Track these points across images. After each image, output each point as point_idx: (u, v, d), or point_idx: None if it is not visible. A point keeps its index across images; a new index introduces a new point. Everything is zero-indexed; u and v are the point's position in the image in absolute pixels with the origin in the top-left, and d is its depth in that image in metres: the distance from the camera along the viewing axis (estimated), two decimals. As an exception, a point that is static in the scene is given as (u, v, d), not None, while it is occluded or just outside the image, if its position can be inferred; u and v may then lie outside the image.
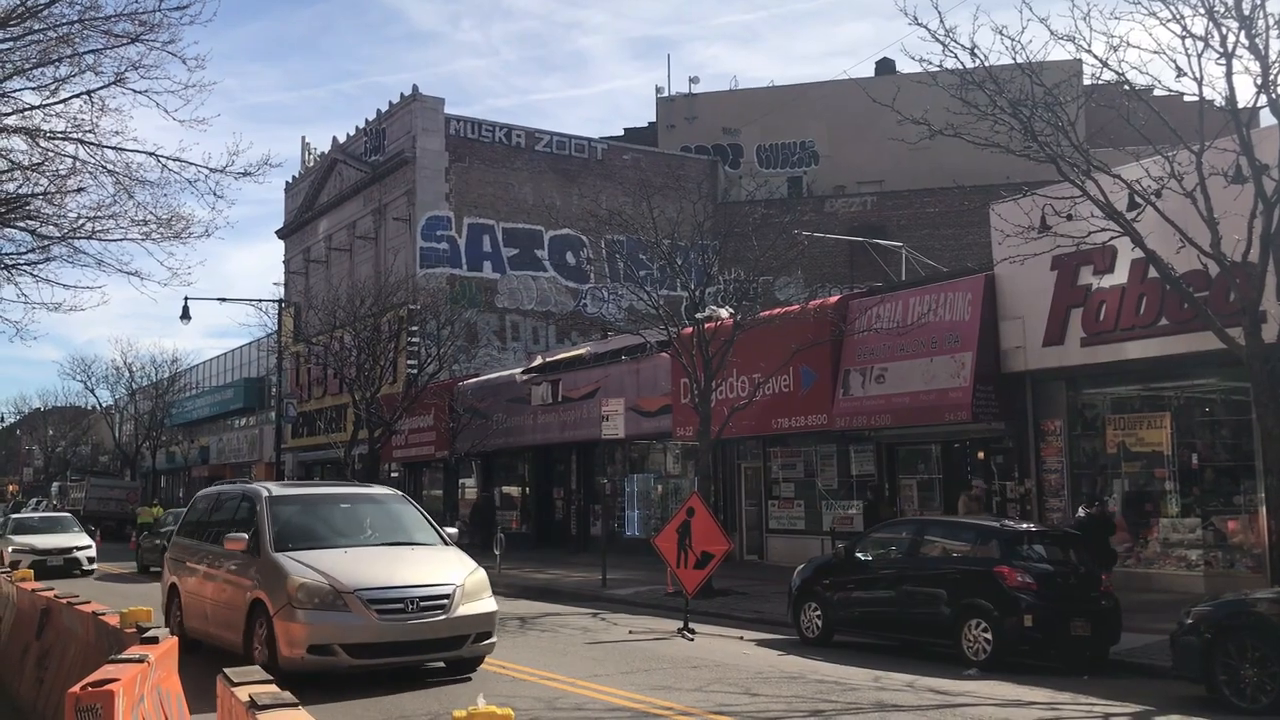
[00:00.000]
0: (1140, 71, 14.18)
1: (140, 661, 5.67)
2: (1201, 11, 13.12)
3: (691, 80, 53.17)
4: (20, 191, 17.78)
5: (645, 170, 41.20)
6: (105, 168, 16.85)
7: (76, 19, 15.44)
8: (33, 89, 16.38)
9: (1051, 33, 14.16)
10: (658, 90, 52.98)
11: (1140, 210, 14.38)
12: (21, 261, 18.62)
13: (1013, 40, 14.33)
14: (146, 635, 6.72)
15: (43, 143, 16.62)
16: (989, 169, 23.47)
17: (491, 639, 11.41)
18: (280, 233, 55.56)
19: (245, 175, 16.89)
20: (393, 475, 42.67)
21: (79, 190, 17.58)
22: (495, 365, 40.46)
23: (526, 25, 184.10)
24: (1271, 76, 12.85)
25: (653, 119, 52.88)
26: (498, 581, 23.34)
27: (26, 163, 17.15)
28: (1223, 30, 13.06)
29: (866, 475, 23.44)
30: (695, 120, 50.29)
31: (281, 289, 51.18)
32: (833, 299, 23.73)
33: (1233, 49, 13.05)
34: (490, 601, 11.48)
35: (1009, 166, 17.44)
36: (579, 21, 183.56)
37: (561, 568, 25.97)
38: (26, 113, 16.63)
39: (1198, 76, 13.31)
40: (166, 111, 16.07)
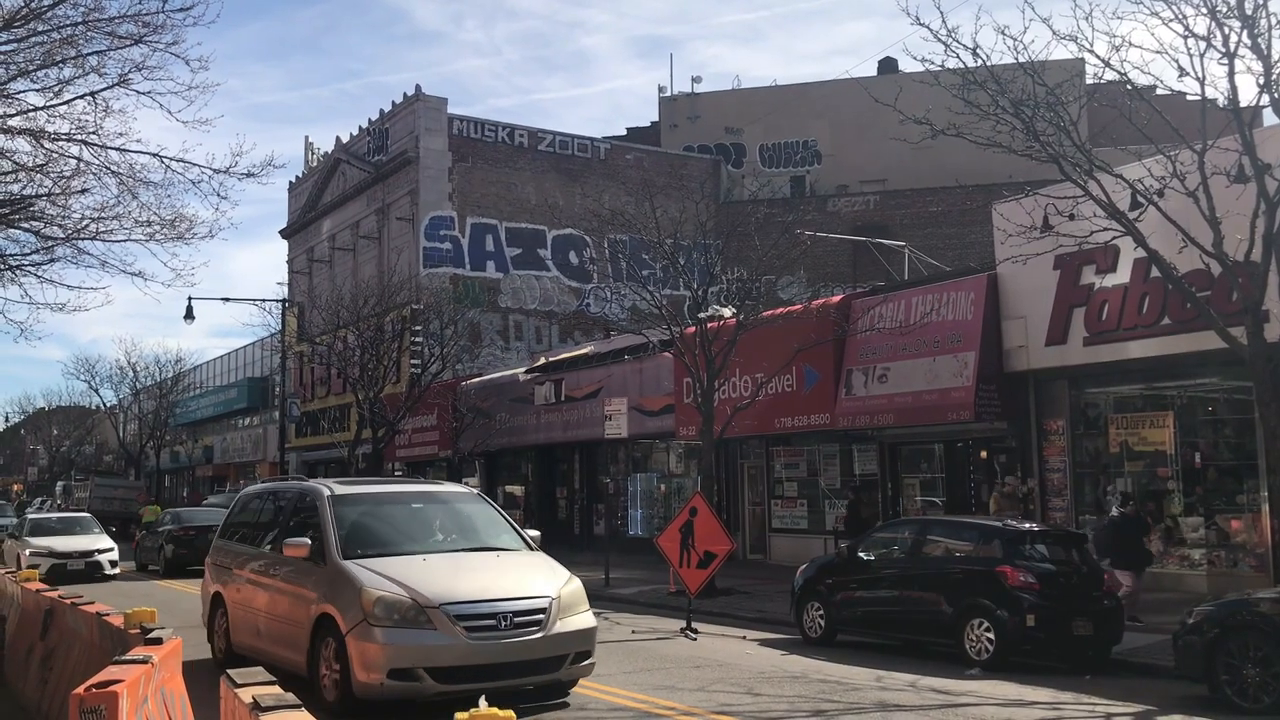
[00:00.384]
0: (1142, 71, 14.20)
1: (144, 663, 5.69)
2: (1204, 11, 13.11)
3: (694, 80, 53.25)
4: (24, 192, 17.80)
5: (648, 170, 41.19)
6: (109, 169, 16.86)
7: (80, 20, 15.44)
8: (37, 90, 16.39)
9: (1054, 32, 14.16)
10: (660, 90, 53.06)
11: (1142, 210, 14.38)
12: (26, 262, 18.64)
13: (1015, 40, 14.33)
14: (150, 636, 6.74)
15: (47, 144, 16.63)
16: (991, 168, 23.48)
17: (591, 659, 10.15)
18: (284, 232, 55.61)
19: (249, 176, 16.87)
20: (397, 474, 42.76)
21: (83, 191, 17.59)
22: (498, 365, 40.49)
23: (529, 25, 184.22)
24: (1274, 76, 12.83)
25: (655, 118, 52.87)
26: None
27: (30, 164, 17.16)
28: (1225, 30, 13.05)
29: (870, 474, 23.45)
30: (698, 120, 50.29)
31: (285, 289, 51.21)
32: (835, 298, 23.74)
33: (1235, 49, 13.04)
34: (589, 616, 10.21)
35: (1011, 166, 17.43)
36: (581, 21, 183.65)
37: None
38: (30, 114, 16.63)
39: (1200, 76, 13.30)
40: (170, 112, 16.08)
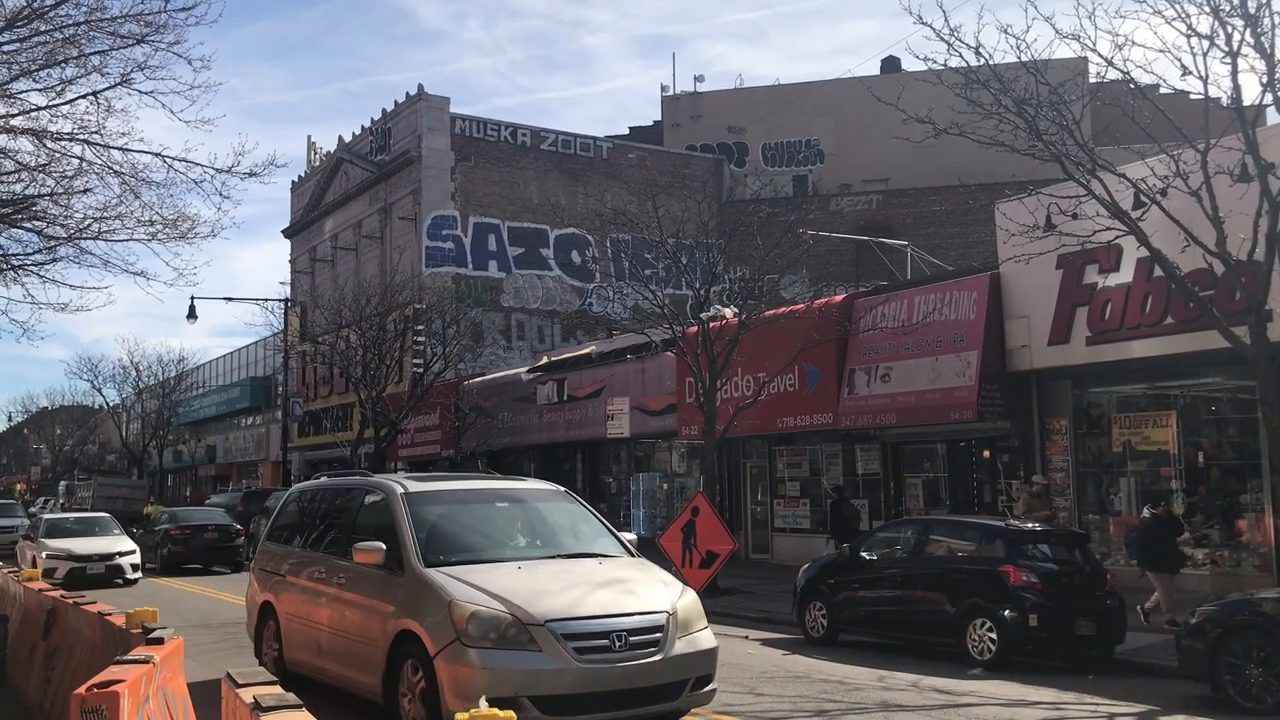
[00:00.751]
0: (1145, 70, 14.14)
1: (146, 662, 5.69)
2: (1207, 10, 13.10)
3: (697, 79, 53.37)
4: (27, 192, 17.82)
5: (650, 169, 41.21)
6: (111, 168, 16.88)
7: (83, 20, 15.46)
8: (39, 90, 16.41)
9: (1056, 31, 14.15)
10: (663, 89, 53.06)
11: (1145, 209, 14.36)
12: (28, 262, 18.65)
13: (1017, 39, 14.32)
14: (152, 636, 6.74)
15: (49, 144, 16.65)
16: (994, 167, 23.47)
17: (712, 685, 8.69)
18: (286, 232, 55.67)
19: (251, 176, 16.89)
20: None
21: (85, 191, 17.61)
22: (500, 364, 40.51)
23: (532, 24, 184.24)
24: (1277, 75, 12.82)
25: (658, 117, 52.89)
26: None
27: (33, 164, 17.18)
28: (1228, 29, 13.04)
29: (872, 474, 23.44)
30: (700, 119, 50.29)
31: (288, 288, 51.29)
32: (838, 298, 23.73)
33: (1238, 48, 13.03)
34: (708, 634, 8.73)
35: (1014, 165, 17.44)
36: (584, 20, 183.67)
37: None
38: (33, 114, 16.65)
39: (1203, 75, 13.29)
40: (172, 112, 16.10)
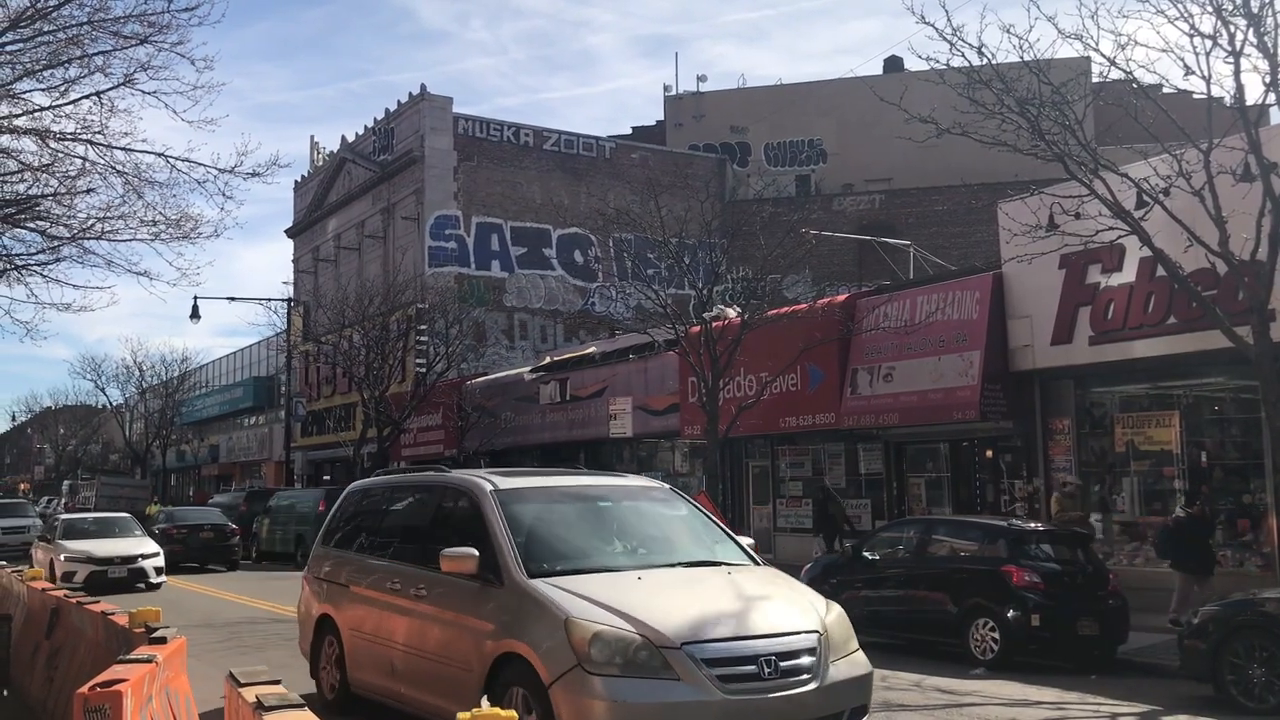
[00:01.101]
0: (1148, 70, 14.16)
1: (148, 662, 5.71)
2: (1210, 10, 13.08)
3: (699, 79, 53.24)
4: (30, 192, 17.87)
5: (653, 169, 41.23)
6: (114, 168, 16.93)
7: (86, 20, 15.50)
8: (42, 90, 16.46)
9: (1059, 31, 14.13)
10: (665, 89, 53.15)
11: (1148, 209, 14.35)
12: (32, 262, 18.70)
13: (1020, 38, 14.31)
14: (155, 635, 6.77)
15: (52, 144, 16.69)
16: (997, 167, 23.46)
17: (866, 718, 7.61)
18: (289, 232, 55.72)
19: (254, 176, 16.95)
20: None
21: (88, 191, 17.66)
22: (503, 364, 40.53)
23: (535, 24, 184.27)
24: (1280, 74, 12.82)
25: (660, 117, 52.91)
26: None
27: (36, 164, 17.23)
28: (1231, 28, 13.02)
29: (875, 473, 23.44)
30: (703, 119, 50.30)
31: (290, 288, 51.41)
32: (840, 298, 23.73)
33: (1241, 47, 13.02)
34: (862, 656, 7.52)
35: (1017, 165, 17.41)
36: (587, 20, 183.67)
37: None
38: (36, 114, 16.71)
39: (1206, 75, 13.28)
40: (175, 112, 16.15)
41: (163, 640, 6.57)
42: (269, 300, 44.73)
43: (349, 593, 9.45)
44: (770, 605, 7.37)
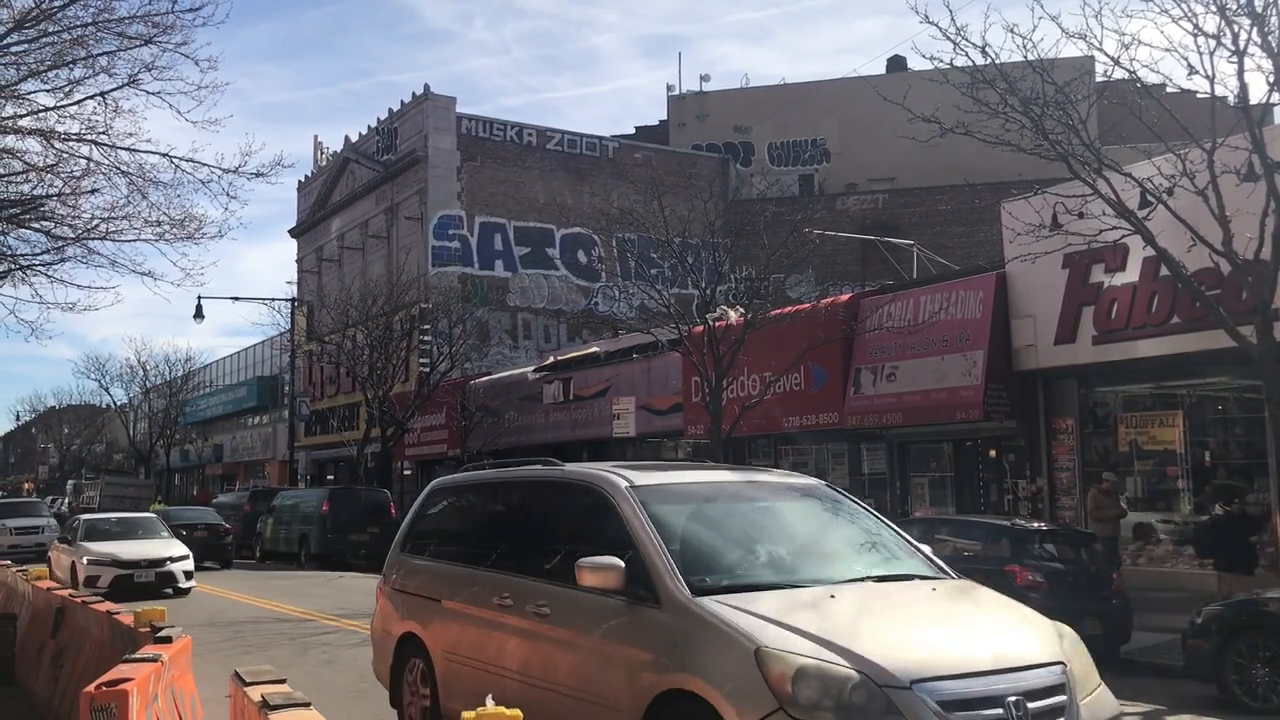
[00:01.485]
0: (1152, 69, 14.09)
1: (154, 661, 5.73)
2: (1213, 9, 13.08)
3: (702, 78, 53.24)
4: (35, 193, 17.94)
5: (656, 168, 41.25)
6: (119, 169, 17.01)
7: (90, 21, 15.58)
8: (47, 91, 16.54)
9: (1063, 30, 14.14)
10: (669, 88, 53.05)
11: (1152, 208, 14.36)
12: (36, 262, 18.80)
13: (1024, 38, 14.34)
14: (160, 635, 6.79)
15: (57, 144, 16.77)
16: (1000, 167, 23.41)
17: None
18: (293, 231, 55.78)
19: (258, 176, 17.06)
20: (405, 473, 42.87)
21: (93, 191, 17.75)
22: (507, 364, 40.56)
23: (538, 24, 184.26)
24: (1284, 74, 12.81)
25: (664, 117, 52.90)
26: (509, 580, 23.40)
27: (41, 164, 17.31)
28: (1235, 28, 13.03)
29: (878, 473, 23.44)
30: (706, 118, 50.28)
31: (294, 288, 51.43)
32: (844, 297, 23.73)
33: (1245, 46, 13.02)
34: (1108, 693, 6.12)
35: (1020, 164, 17.40)
36: (590, 20, 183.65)
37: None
38: (41, 114, 16.79)
39: (1210, 74, 13.28)
40: (179, 112, 16.23)
41: (168, 640, 6.59)
42: (273, 300, 44.89)
43: (440, 608, 8.01)
44: (1001, 630, 6.01)
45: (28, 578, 12.55)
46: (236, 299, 43.62)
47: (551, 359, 35.30)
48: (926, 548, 7.33)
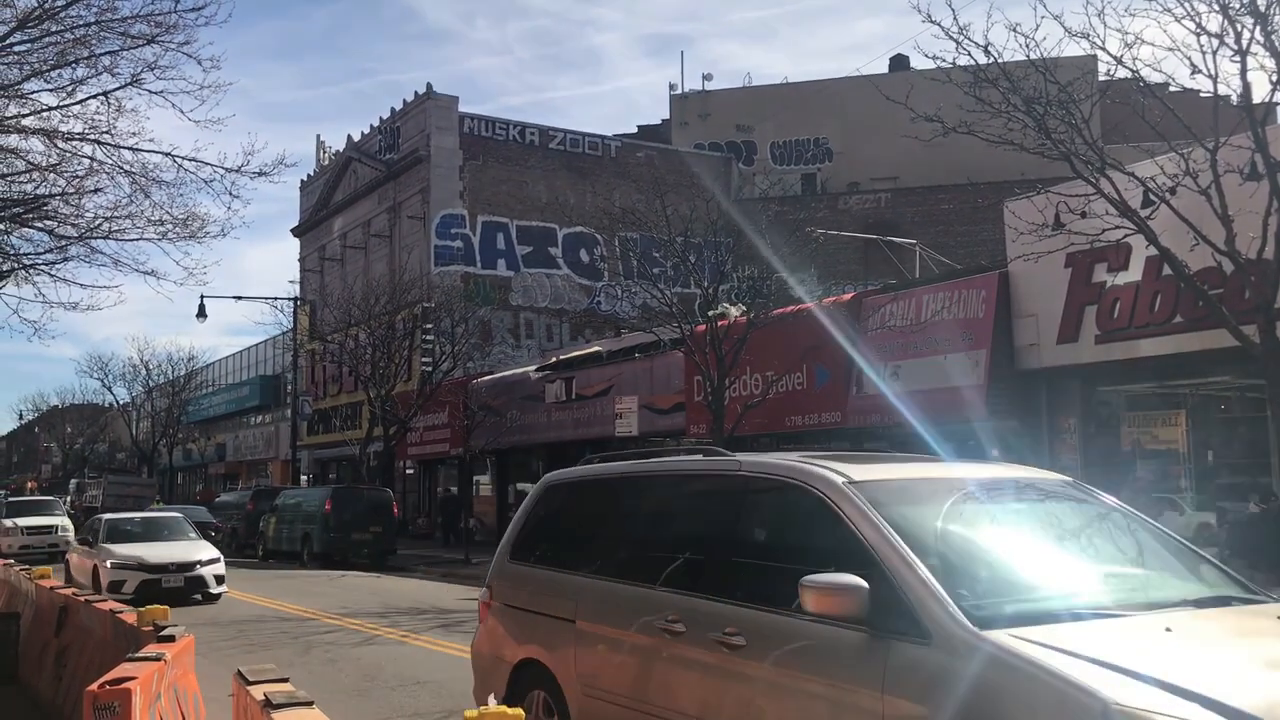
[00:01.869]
0: (1154, 69, 14.12)
1: (157, 660, 5.74)
2: (1216, 8, 13.09)
3: (705, 77, 53.27)
4: (38, 192, 17.97)
5: (659, 167, 41.21)
6: (122, 168, 17.05)
7: (93, 21, 15.61)
8: (50, 90, 16.57)
9: (1066, 29, 14.15)
10: (671, 87, 53.08)
11: (1154, 208, 14.35)
12: (40, 261, 18.84)
13: (1026, 37, 14.35)
14: (163, 634, 6.80)
15: (60, 143, 16.80)
16: (1003, 166, 23.41)
17: None
18: (296, 230, 55.81)
19: (260, 175, 17.09)
20: (408, 472, 42.93)
21: (96, 190, 17.78)
22: (509, 363, 40.57)
23: (540, 23, 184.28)
24: (1287, 73, 12.81)
25: (666, 116, 52.93)
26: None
27: (44, 163, 17.35)
28: (1238, 27, 13.03)
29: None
30: (709, 117, 50.29)
31: (297, 287, 51.47)
32: (846, 296, 23.72)
33: (1247, 46, 13.02)
34: None
35: (1023, 163, 17.41)
36: (593, 19, 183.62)
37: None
38: (44, 114, 16.82)
39: (1212, 73, 13.30)
40: (182, 112, 16.27)
41: (171, 638, 6.60)
42: (275, 299, 44.90)
43: (574, 630, 6.55)
44: None
45: (31, 576, 12.56)
46: (239, 298, 43.61)
47: (554, 358, 35.30)
48: (1214, 559, 5.83)
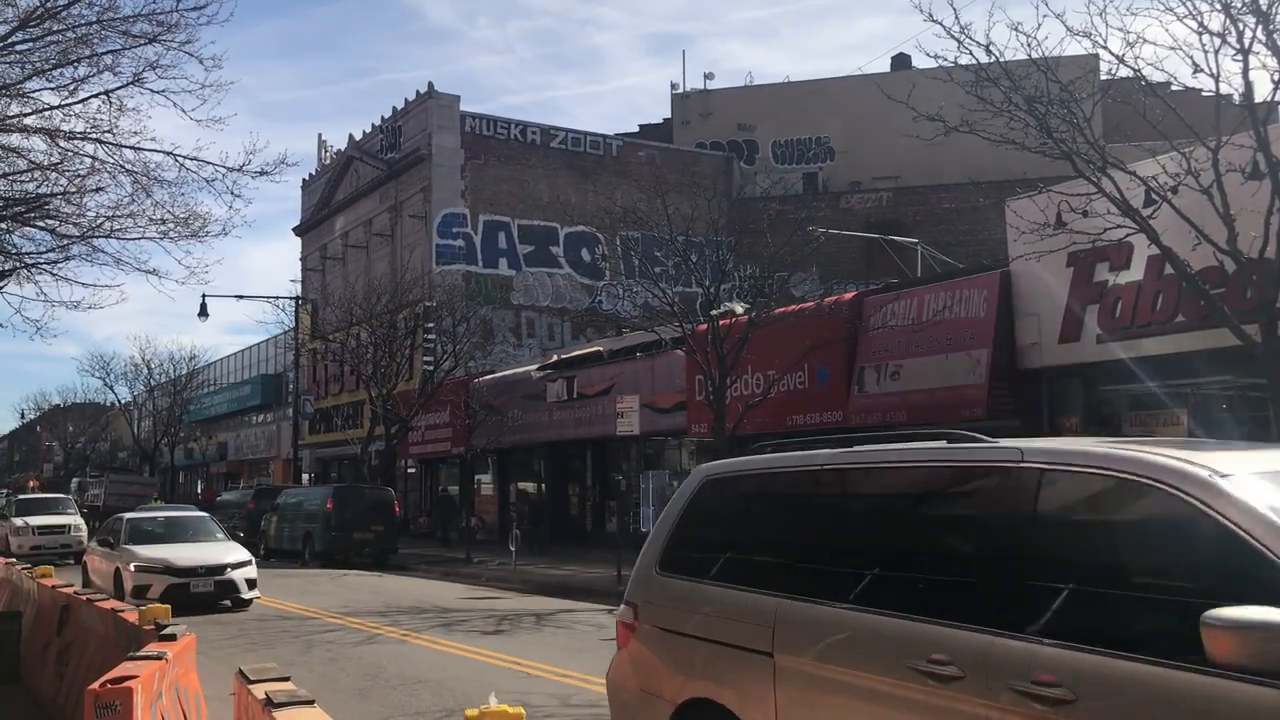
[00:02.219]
0: (1156, 68, 14.13)
1: (159, 659, 5.75)
2: (1218, 7, 13.07)
3: (707, 76, 53.26)
4: (40, 191, 17.97)
5: (660, 167, 41.17)
6: (123, 167, 17.04)
7: (95, 20, 15.60)
8: (52, 89, 16.56)
9: (1067, 28, 14.14)
10: (673, 86, 53.06)
11: (1156, 207, 14.33)
12: (41, 260, 18.83)
13: (1028, 36, 14.34)
14: (165, 633, 6.80)
15: (62, 143, 16.80)
16: (1005, 165, 23.39)
17: None
18: (297, 230, 55.83)
19: (262, 174, 17.07)
20: (409, 471, 42.95)
21: (98, 190, 17.78)
22: (511, 362, 40.58)
23: (542, 22, 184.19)
24: (1289, 72, 12.79)
25: (668, 115, 52.90)
26: (512, 578, 23.48)
27: (46, 163, 17.35)
28: (1239, 26, 13.01)
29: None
30: (710, 117, 50.27)
31: (298, 286, 51.50)
32: (848, 295, 23.71)
33: (1249, 45, 12.99)
34: None
35: (1025, 163, 17.39)
36: (594, 18, 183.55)
37: (576, 564, 26.05)
38: (46, 113, 16.81)
39: (1214, 72, 13.27)
40: (184, 111, 16.25)
41: (172, 637, 6.61)
42: (277, 298, 44.93)
43: (771, 666, 5.10)
44: None
45: (33, 575, 12.57)
46: (241, 297, 43.59)
47: (555, 357, 35.31)
48: None
